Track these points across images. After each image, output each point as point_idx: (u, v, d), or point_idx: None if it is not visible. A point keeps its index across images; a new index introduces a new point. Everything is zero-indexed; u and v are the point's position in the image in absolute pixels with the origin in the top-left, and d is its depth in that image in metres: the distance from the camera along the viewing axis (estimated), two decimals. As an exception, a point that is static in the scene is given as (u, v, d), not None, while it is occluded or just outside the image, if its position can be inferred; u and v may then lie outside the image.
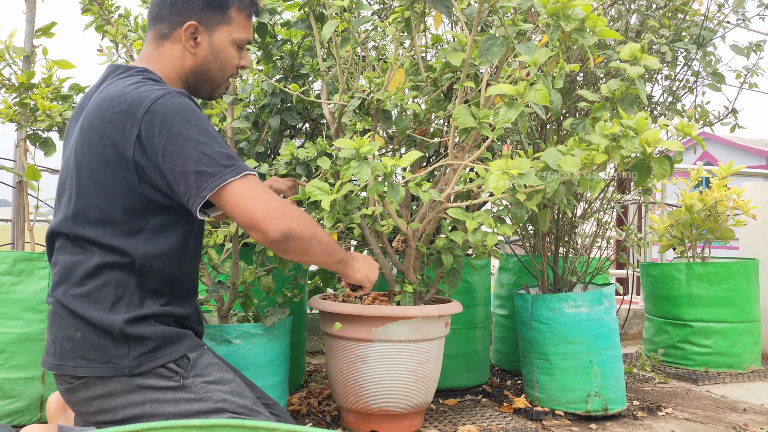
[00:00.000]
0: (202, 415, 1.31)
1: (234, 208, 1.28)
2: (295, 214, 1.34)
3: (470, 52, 1.79)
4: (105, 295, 1.30)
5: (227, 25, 1.46)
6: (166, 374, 1.31)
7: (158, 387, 1.30)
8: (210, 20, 1.44)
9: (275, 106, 2.30)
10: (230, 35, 1.47)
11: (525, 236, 2.75)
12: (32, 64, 2.39)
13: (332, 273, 2.72)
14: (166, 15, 1.44)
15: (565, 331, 2.27)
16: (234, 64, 1.50)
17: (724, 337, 3.06)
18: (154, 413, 1.30)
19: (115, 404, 1.30)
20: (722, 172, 3.29)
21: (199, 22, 1.43)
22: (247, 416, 1.34)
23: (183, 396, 1.31)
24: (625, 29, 2.47)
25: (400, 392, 1.99)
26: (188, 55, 1.45)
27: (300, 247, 1.34)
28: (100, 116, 1.31)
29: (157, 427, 0.47)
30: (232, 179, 1.26)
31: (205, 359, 1.38)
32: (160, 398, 1.30)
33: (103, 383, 1.30)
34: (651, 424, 2.27)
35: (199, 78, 1.48)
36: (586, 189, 1.68)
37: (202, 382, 1.33)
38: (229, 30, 1.47)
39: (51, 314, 1.35)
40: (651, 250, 4.31)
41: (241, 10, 1.48)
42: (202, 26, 1.44)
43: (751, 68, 2.74)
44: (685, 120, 1.73)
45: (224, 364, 1.47)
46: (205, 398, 1.32)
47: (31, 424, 1.95)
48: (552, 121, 2.46)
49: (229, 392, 1.35)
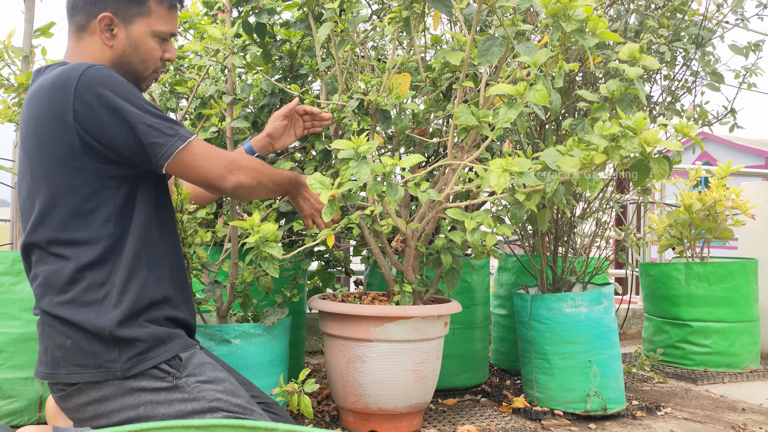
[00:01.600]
0: (196, 414, 1.31)
1: (189, 172, 1.38)
2: (242, 165, 1.45)
3: (469, 51, 1.79)
4: (90, 298, 1.30)
5: (146, 17, 1.44)
6: (158, 375, 1.31)
7: (151, 389, 1.30)
8: (126, 11, 1.42)
9: (274, 106, 2.29)
10: (149, 27, 1.45)
11: (524, 236, 2.75)
12: (31, 64, 2.39)
13: (331, 273, 2.72)
14: (81, 6, 1.42)
15: (564, 330, 2.27)
16: (156, 57, 1.48)
17: (723, 337, 3.06)
18: (149, 415, 1.30)
19: (109, 408, 1.30)
20: (721, 172, 3.29)
21: (114, 14, 1.41)
22: (242, 415, 1.34)
23: (176, 396, 1.31)
24: (624, 29, 2.48)
25: (400, 392, 1.99)
26: (106, 47, 1.43)
27: (249, 192, 1.50)
28: (34, 115, 1.33)
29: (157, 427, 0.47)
30: (180, 147, 1.33)
31: (198, 359, 1.38)
32: (154, 400, 1.30)
33: (96, 388, 1.30)
34: (650, 423, 2.28)
35: (121, 72, 1.44)
36: (585, 189, 1.68)
37: (195, 382, 1.33)
38: (149, 22, 1.44)
39: (40, 324, 1.35)
40: (650, 249, 4.31)
41: (161, 1, 1.46)
42: (117, 18, 1.42)
43: (749, 68, 2.74)
44: (684, 120, 1.73)
45: (217, 363, 1.47)
46: (199, 398, 1.32)
47: (29, 424, 1.95)
48: (551, 121, 2.47)
49: (223, 391, 1.35)
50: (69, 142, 1.30)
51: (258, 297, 2.17)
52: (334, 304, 2.01)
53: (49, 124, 1.31)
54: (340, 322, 2.00)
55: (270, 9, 2.17)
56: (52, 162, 1.32)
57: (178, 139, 1.33)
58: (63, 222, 1.32)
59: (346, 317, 1.98)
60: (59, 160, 1.31)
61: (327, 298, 2.20)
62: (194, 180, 1.39)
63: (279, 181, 1.59)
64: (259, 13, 2.15)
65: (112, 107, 1.29)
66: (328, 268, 2.68)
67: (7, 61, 2.24)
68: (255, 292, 2.22)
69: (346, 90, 2.09)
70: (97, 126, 1.30)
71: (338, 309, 1.98)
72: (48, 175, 1.33)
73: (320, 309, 2.04)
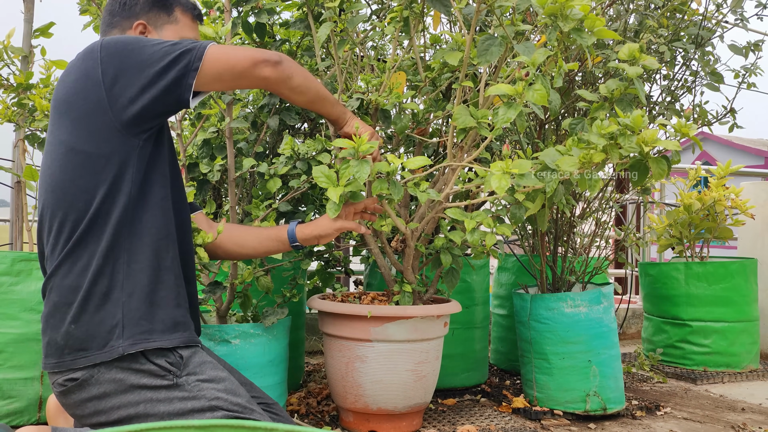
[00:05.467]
0: (196, 413, 1.31)
1: (228, 62, 1.36)
2: (270, 56, 1.42)
3: (468, 51, 1.79)
4: (99, 290, 1.31)
5: (174, 24, 1.53)
6: (159, 373, 1.31)
7: (152, 386, 1.30)
8: (157, 20, 1.51)
9: (274, 106, 2.29)
10: (178, 34, 1.52)
11: (524, 236, 2.75)
12: (30, 65, 2.39)
13: (331, 273, 2.72)
14: (117, 21, 1.50)
15: (564, 330, 2.27)
16: None
17: (723, 337, 3.07)
18: (149, 413, 1.30)
19: (109, 405, 1.30)
20: (720, 172, 3.30)
21: (147, 22, 1.50)
22: (242, 414, 1.34)
23: (177, 395, 1.31)
24: (623, 29, 2.48)
25: (399, 392, 1.99)
26: None
27: (298, 73, 1.47)
28: (64, 94, 1.35)
29: (157, 427, 0.48)
30: (209, 45, 1.34)
31: (199, 357, 1.38)
32: (154, 398, 1.30)
33: (97, 384, 1.30)
34: (650, 423, 2.28)
35: None
36: (584, 188, 1.68)
37: (195, 381, 1.33)
38: (177, 29, 1.53)
39: (45, 316, 1.35)
40: (649, 249, 4.31)
41: (185, 11, 1.55)
42: (150, 26, 1.50)
43: (749, 68, 2.74)
44: (683, 120, 1.73)
45: (218, 363, 1.47)
46: (199, 396, 1.32)
47: (29, 424, 1.95)
48: (551, 120, 2.47)
49: (224, 390, 1.35)
50: (100, 99, 1.31)
51: (257, 297, 2.17)
52: (334, 304, 2.01)
53: (82, 93, 1.33)
54: (340, 322, 2.00)
55: (269, 9, 2.17)
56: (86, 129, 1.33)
57: (200, 45, 1.35)
58: (81, 193, 1.34)
59: (346, 317, 1.98)
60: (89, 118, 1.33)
61: (327, 298, 2.20)
62: (237, 65, 1.37)
63: (324, 94, 1.57)
64: (258, 13, 2.15)
65: (139, 47, 1.33)
66: (328, 268, 2.68)
67: (7, 61, 2.24)
68: (254, 293, 2.22)
69: (346, 90, 2.09)
70: (125, 68, 1.32)
71: (338, 309, 1.98)
72: (75, 151, 1.33)
73: (320, 309, 2.04)
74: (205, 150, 2.25)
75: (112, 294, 1.31)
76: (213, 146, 2.26)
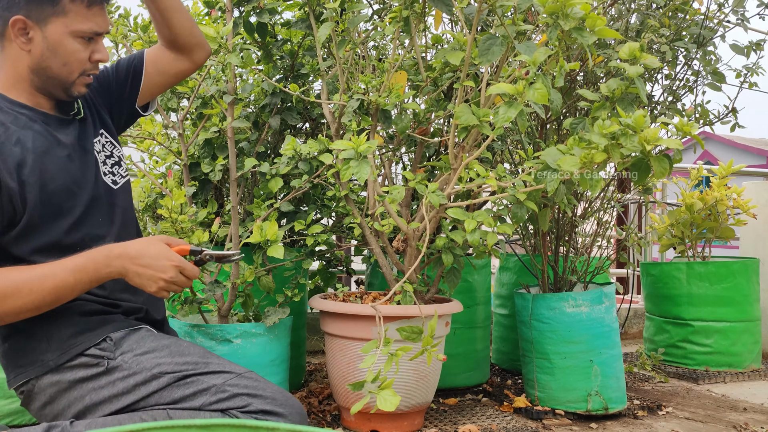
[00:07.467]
0: (140, 386, 1.30)
1: None
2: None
3: (470, 51, 1.79)
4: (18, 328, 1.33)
5: (62, 16, 1.31)
6: (91, 363, 1.31)
7: (89, 376, 1.31)
8: (40, 13, 1.30)
9: (275, 106, 2.30)
10: (67, 27, 1.32)
11: (525, 235, 2.75)
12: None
13: (332, 273, 2.72)
14: None
15: (566, 330, 2.27)
16: (81, 58, 1.35)
17: (725, 337, 3.06)
18: (95, 402, 1.30)
19: (61, 407, 1.32)
20: (722, 172, 3.29)
21: (27, 17, 1.30)
22: (193, 371, 1.31)
23: (116, 376, 1.31)
24: (625, 28, 2.48)
25: (401, 392, 1.99)
26: (24, 53, 1.33)
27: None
28: None
29: (157, 427, 0.48)
30: None
31: (136, 336, 1.36)
32: (96, 386, 1.30)
33: (41, 392, 1.32)
34: (651, 423, 2.27)
35: (43, 77, 1.35)
36: (586, 188, 1.68)
37: (132, 357, 1.32)
38: (66, 22, 1.32)
39: None
40: (651, 249, 4.31)
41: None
42: (31, 20, 1.30)
43: (751, 67, 2.74)
44: (684, 119, 1.73)
45: (164, 336, 1.41)
46: (139, 370, 1.31)
47: (29, 424, 1.95)
48: (552, 120, 2.47)
49: (167, 355, 1.33)
50: None
51: (259, 297, 2.18)
52: (335, 304, 2.01)
53: None
54: (342, 322, 2.00)
55: (271, 9, 2.17)
56: None
57: None
58: None
59: (348, 317, 1.98)
60: None
61: (328, 297, 2.20)
62: None
63: (50, 284, 1.23)
64: (260, 13, 2.16)
65: None
66: (329, 268, 2.68)
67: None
68: (256, 292, 2.22)
69: (347, 90, 2.09)
70: None
71: (339, 309, 1.98)
72: None
73: (321, 309, 2.04)
74: (206, 150, 2.25)
75: (32, 327, 1.31)
76: (215, 146, 2.26)
